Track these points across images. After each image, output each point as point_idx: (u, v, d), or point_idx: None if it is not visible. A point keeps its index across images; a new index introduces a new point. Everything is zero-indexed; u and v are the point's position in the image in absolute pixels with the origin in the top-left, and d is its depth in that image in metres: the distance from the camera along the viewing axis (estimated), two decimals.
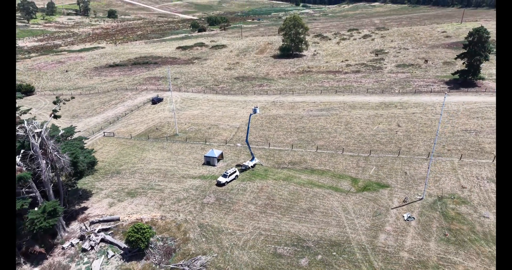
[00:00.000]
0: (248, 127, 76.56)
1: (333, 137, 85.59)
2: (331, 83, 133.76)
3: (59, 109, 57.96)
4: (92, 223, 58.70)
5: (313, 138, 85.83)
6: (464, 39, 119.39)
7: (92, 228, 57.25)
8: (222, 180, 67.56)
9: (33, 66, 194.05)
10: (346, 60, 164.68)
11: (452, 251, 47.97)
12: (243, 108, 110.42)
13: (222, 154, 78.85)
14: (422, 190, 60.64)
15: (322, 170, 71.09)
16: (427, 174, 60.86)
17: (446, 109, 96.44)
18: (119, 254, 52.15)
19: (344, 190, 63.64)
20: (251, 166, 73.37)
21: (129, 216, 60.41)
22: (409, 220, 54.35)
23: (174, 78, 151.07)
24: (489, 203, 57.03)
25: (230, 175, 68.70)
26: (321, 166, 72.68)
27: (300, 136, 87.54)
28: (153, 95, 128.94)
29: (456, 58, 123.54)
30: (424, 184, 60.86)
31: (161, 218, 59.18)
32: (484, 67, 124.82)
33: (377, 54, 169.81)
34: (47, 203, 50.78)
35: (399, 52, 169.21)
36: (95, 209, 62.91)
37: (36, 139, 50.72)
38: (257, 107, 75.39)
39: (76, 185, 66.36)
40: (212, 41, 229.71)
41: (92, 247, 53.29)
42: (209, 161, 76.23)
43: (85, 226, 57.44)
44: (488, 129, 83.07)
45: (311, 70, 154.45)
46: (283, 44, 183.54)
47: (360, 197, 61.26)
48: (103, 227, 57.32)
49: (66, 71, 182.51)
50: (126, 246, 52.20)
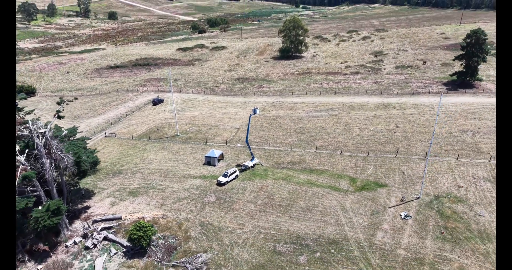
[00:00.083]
0: (248, 128, 77.61)
1: (332, 138, 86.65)
2: (330, 85, 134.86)
3: (63, 110, 59.05)
4: (95, 222, 59.69)
5: (312, 139, 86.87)
6: (462, 41, 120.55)
7: (95, 227, 58.24)
8: (223, 180, 68.57)
9: (34, 68, 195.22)
10: (346, 62, 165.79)
11: (448, 249, 48.99)
12: (243, 109, 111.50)
13: (223, 154, 79.89)
14: (419, 189, 61.68)
15: (321, 170, 72.13)
16: (424, 174, 61.94)
17: (444, 110, 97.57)
18: (122, 252, 53.17)
19: (343, 190, 64.68)
20: (251, 166, 74.39)
21: (131, 215, 61.42)
22: (406, 219, 55.38)
23: (175, 80, 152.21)
24: (485, 202, 58.09)
25: (230, 175, 69.72)
26: (320, 166, 73.72)
27: (300, 137, 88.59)
28: (154, 96, 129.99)
29: (454, 60, 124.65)
30: (421, 184, 61.91)
31: (163, 217, 60.19)
32: (482, 69, 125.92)
33: (376, 56, 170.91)
34: (51, 202, 51.80)
35: (398, 54, 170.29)
36: (98, 208, 63.91)
37: (41, 139, 51.81)
38: (257, 108, 76.50)
39: (79, 185, 67.34)
40: (212, 43, 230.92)
41: (95, 245, 54.30)
42: (210, 161, 77.28)
43: (88, 225, 58.46)
44: (485, 130, 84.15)
45: (311, 72, 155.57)
46: (283, 46, 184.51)
47: (358, 196, 62.29)
48: (106, 226, 58.34)
49: (67, 73, 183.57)
50: (128, 244, 53.25)
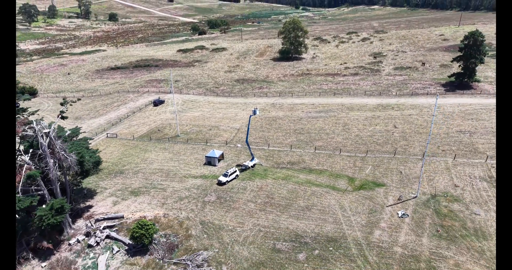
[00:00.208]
0: (248, 128, 78.65)
1: (331, 138, 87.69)
2: (330, 86, 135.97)
3: (66, 110, 60.13)
4: (97, 221, 60.69)
5: (312, 139, 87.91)
6: (460, 43, 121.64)
7: (97, 225, 59.27)
8: (223, 180, 69.57)
9: (36, 69, 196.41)
10: (345, 63, 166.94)
11: (444, 246, 49.99)
12: (243, 110, 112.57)
13: (223, 155, 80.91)
14: (416, 189, 62.67)
15: (320, 170, 73.15)
16: (421, 173, 62.99)
17: (442, 111, 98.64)
18: (124, 250, 54.16)
19: (341, 189, 65.69)
20: (251, 166, 75.40)
21: (133, 214, 62.41)
22: (403, 217, 56.38)
23: (175, 81, 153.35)
24: (481, 201, 59.10)
25: (231, 175, 70.73)
26: (319, 166, 74.74)
27: (299, 137, 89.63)
28: (155, 97, 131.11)
29: (452, 61, 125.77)
30: (418, 183, 62.92)
31: (164, 216, 61.18)
32: (480, 70, 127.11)
33: (376, 57, 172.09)
34: (55, 201, 52.84)
35: (397, 55, 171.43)
36: (100, 207, 64.90)
37: (45, 139, 52.87)
38: (257, 109, 77.58)
39: (81, 184, 68.40)
40: (213, 44, 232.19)
41: (98, 243, 55.30)
42: (210, 161, 78.29)
43: (91, 223, 59.47)
44: (482, 130, 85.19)
45: (310, 73, 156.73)
46: (283, 47, 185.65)
47: (357, 196, 63.30)
48: (108, 224, 59.32)
49: (68, 74, 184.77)
50: (131, 242, 54.21)
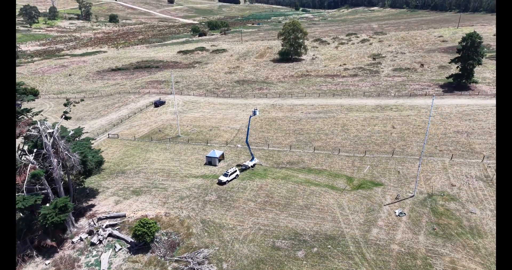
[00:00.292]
0: (248, 129, 79.69)
1: (330, 139, 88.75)
2: (329, 87, 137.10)
3: (70, 111, 61.19)
4: (100, 219, 61.67)
5: (311, 140, 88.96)
6: (458, 44, 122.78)
7: (100, 224, 60.26)
8: (223, 179, 70.59)
9: (37, 70, 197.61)
10: (344, 64, 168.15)
11: (440, 244, 51.00)
12: (243, 111, 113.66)
13: (223, 155, 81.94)
14: (414, 188, 63.71)
15: (319, 170, 74.18)
16: (418, 173, 64.07)
17: (440, 112, 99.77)
18: (126, 248, 55.14)
19: (340, 188, 66.72)
20: (251, 166, 76.43)
21: (135, 213, 63.42)
22: (401, 216, 57.40)
23: (176, 82, 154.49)
24: (477, 200, 60.14)
25: (231, 174, 71.76)
26: (318, 166, 75.79)
27: (298, 138, 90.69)
28: (156, 98, 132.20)
29: (451, 62, 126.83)
30: (415, 182, 63.96)
31: (165, 215, 62.19)
32: (478, 71, 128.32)
33: (375, 58, 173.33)
34: (58, 200, 53.84)
35: (396, 56, 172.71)
36: (102, 207, 65.91)
37: (49, 139, 53.90)
38: (257, 109, 78.66)
39: (84, 184, 69.39)
40: (213, 46, 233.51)
41: (100, 241, 56.27)
42: (211, 161, 79.32)
43: (93, 222, 60.47)
44: (479, 131, 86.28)
45: (310, 74, 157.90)
46: (283, 49, 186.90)
47: (355, 195, 64.34)
48: (110, 223, 60.29)
49: (69, 75, 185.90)
50: (133, 240, 55.20)
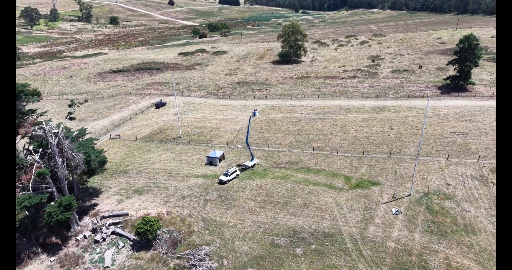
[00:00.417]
0: (248, 129, 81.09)
1: (329, 139, 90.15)
2: (328, 88, 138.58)
3: (74, 112, 62.61)
4: (103, 218, 63.03)
5: (310, 140, 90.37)
6: (456, 46, 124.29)
7: (103, 222, 61.62)
8: (224, 179, 71.96)
9: (38, 72, 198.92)
10: (343, 66, 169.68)
11: (435, 241, 52.36)
12: (243, 112, 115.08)
13: (224, 155, 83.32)
14: (410, 187, 65.09)
15: (318, 170, 75.56)
16: (414, 172, 65.48)
17: (437, 113, 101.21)
18: (129, 245, 56.48)
19: (338, 188, 68.10)
20: (251, 166, 77.81)
21: (137, 212, 64.78)
22: (397, 214, 58.78)
23: (177, 83, 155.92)
24: (472, 199, 61.52)
25: (231, 174, 73.13)
26: (317, 166, 77.16)
27: (298, 138, 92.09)
28: (157, 100, 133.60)
29: (448, 64, 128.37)
30: (412, 182, 65.34)
31: (167, 213, 63.54)
32: (475, 73, 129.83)
33: (374, 60, 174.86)
34: (63, 198, 55.21)
35: (395, 58, 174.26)
36: (105, 205, 67.27)
37: (54, 139, 55.30)
38: (257, 110, 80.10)
39: (87, 183, 70.78)
40: (213, 47, 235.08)
41: (104, 239, 57.62)
42: (211, 161, 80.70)
43: (97, 220, 61.84)
44: (475, 131, 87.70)
45: (309, 76, 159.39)
46: (282, 50, 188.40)
47: (353, 194, 65.71)
48: (113, 221, 61.65)
49: (71, 77, 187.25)
50: (135, 238, 56.55)
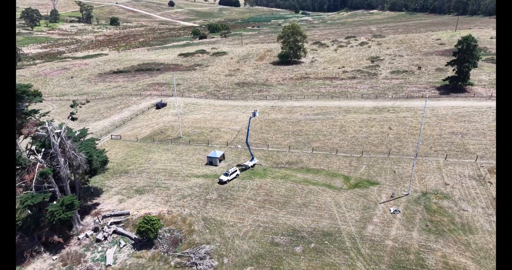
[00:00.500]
0: (248, 129, 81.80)
1: (328, 139, 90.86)
2: (328, 89, 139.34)
3: (76, 112, 63.34)
4: (104, 217, 63.69)
5: (309, 140, 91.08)
6: (454, 47, 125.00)
7: (105, 221, 62.28)
8: (224, 179, 72.65)
9: (39, 73, 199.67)
10: (343, 67, 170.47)
11: (432, 240, 53.04)
12: (243, 113, 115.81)
13: (224, 155, 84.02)
14: (408, 187, 65.78)
15: (317, 169, 76.26)
16: (412, 172, 66.19)
17: (436, 113, 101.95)
18: (130, 244, 57.14)
19: (337, 187, 68.79)
20: (251, 166, 78.50)
21: (138, 211, 65.45)
22: (395, 213, 59.45)
23: (177, 84, 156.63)
24: (469, 198, 62.22)
25: (231, 174, 73.83)
26: (316, 166, 77.86)
27: (297, 139, 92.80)
28: (157, 100, 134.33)
29: (447, 65, 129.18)
30: (410, 181, 66.04)
31: (168, 213, 64.21)
32: (474, 74, 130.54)
33: (373, 61, 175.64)
34: (65, 197, 55.88)
35: (394, 59, 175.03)
36: (106, 205, 67.93)
37: (56, 139, 56.00)
38: (257, 111, 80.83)
39: (88, 183, 71.46)
40: (213, 48, 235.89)
41: (106, 238, 58.29)
42: (212, 161, 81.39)
43: (98, 220, 62.51)
44: (474, 132, 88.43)
45: (309, 77, 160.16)
46: (282, 51, 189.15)
47: (352, 193, 66.40)
48: (115, 221, 62.34)
49: (72, 77, 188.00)
50: (137, 237, 57.20)
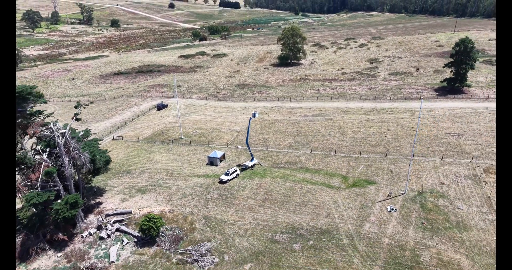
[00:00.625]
0: (248, 130, 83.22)
1: (327, 140, 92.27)
2: (327, 90, 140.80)
3: (80, 113, 64.77)
4: (107, 216, 65.04)
5: (308, 141, 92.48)
6: (452, 49, 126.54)
7: (108, 220, 63.62)
8: (224, 178, 74.03)
9: (41, 74, 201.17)
10: (342, 69, 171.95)
11: (428, 237, 54.40)
12: (243, 114, 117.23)
13: (224, 155, 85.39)
14: (405, 186, 67.15)
15: (316, 169, 77.65)
16: (408, 171, 67.60)
17: (433, 114, 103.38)
18: (133, 242, 58.49)
19: (335, 186, 70.18)
20: (251, 166, 79.88)
21: (140, 210, 66.81)
22: (392, 212, 60.83)
23: (178, 86, 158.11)
24: (464, 197, 63.61)
25: (232, 174, 75.20)
26: (315, 166, 79.25)
27: (297, 139, 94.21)
28: (158, 102, 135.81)
29: (444, 67, 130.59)
30: (406, 181, 67.42)
31: (169, 211, 65.57)
32: (471, 75, 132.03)
33: (372, 63, 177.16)
34: (70, 196, 57.28)
35: (393, 61, 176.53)
36: (109, 204, 69.29)
37: (61, 139, 57.42)
38: (256, 112, 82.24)
39: (92, 183, 72.82)
40: (213, 50, 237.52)
41: (109, 236, 59.61)
42: (212, 162, 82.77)
43: (101, 218, 63.84)
44: (470, 132, 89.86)
45: (308, 78, 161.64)
46: (282, 53, 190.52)
47: (349, 192, 67.78)
48: (117, 219, 63.68)
49: (73, 79, 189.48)
50: (139, 235, 58.54)
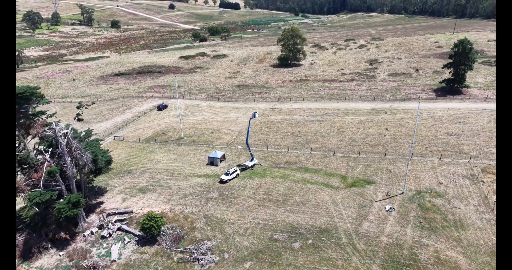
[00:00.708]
0: (248, 130, 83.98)
1: (326, 140, 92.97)
2: (327, 91, 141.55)
3: (82, 113, 65.50)
4: (109, 215, 65.71)
5: (308, 141, 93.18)
6: (451, 50, 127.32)
7: (109, 219, 64.30)
8: (225, 178, 74.71)
9: (41, 75, 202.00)
10: (342, 69, 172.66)
11: (425, 236, 55.07)
12: (244, 114, 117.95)
13: (224, 155, 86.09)
14: (403, 186, 67.83)
15: (315, 169, 78.33)
16: (407, 171, 68.29)
17: (432, 115, 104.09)
18: (134, 241, 59.18)
19: (334, 186, 70.86)
20: (251, 166, 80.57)
21: (141, 209, 67.48)
22: (390, 211, 61.50)
23: (178, 86, 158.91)
24: (462, 196, 64.28)
25: (232, 174, 75.89)
26: (314, 166, 79.93)
27: (296, 140, 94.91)
28: (159, 102, 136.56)
29: (443, 68, 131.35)
30: (405, 180, 68.10)
31: (170, 211, 66.24)
32: (470, 76, 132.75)
33: (371, 64, 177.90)
34: (72, 195, 57.97)
35: (392, 62, 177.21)
36: (110, 203, 69.97)
37: (63, 139, 58.11)
38: (256, 112, 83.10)
39: (93, 182, 73.51)
40: (214, 51, 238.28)
41: (110, 235, 60.28)
42: (213, 162, 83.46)
43: (103, 217, 64.52)
44: (468, 133, 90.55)
45: (308, 79, 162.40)
46: (282, 54, 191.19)
47: (348, 192, 68.46)
48: (119, 218, 64.35)
49: (74, 80, 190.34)
50: (140, 234, 59.22)
